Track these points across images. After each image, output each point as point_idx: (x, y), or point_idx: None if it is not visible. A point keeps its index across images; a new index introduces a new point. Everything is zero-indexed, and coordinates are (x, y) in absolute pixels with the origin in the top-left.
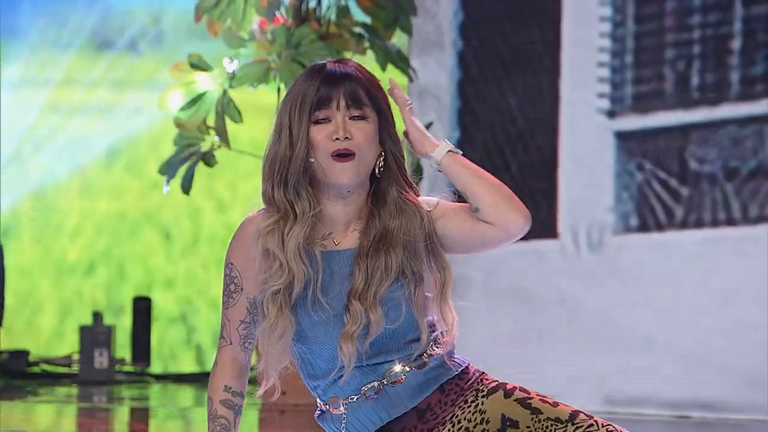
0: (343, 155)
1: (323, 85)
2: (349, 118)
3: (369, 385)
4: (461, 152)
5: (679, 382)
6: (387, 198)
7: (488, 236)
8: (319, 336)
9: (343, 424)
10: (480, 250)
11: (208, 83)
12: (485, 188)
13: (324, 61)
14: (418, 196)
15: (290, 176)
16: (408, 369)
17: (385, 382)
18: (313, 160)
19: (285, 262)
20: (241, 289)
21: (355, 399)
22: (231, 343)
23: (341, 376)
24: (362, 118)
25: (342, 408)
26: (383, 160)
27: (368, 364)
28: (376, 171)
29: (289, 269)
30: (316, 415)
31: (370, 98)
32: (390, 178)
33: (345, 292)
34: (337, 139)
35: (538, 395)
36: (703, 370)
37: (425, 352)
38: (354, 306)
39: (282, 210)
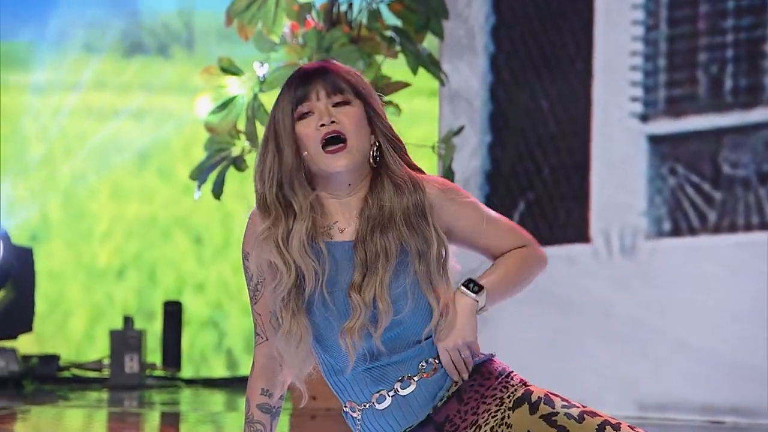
0: (333, 143)
1: (300, 83)
2: (333, 106)
3: (378, 393)
4: (475, 289)
5: (712, 386)
6: (384, 180)
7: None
8: (329, 331)
9: (361, 429)
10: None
11: (238, 87)
12: (516, 290)
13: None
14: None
15: (284, 178)
16: (417, 378)
17: (394, 392)
18: (306, 153)
19: (290, 262)
20: (264, 280)
21: (367, 406)
22: (266, 339)
23: (352, 374)
24: (346, 103)
25: (358, 412)
26: (377, 147)
27: (377, 366)
28: (370, 160)
29: (296, 268)
30: (342, 412)
31: (349, 85)
32: (387, 163)
33: (348, 283)
34: (323, 125)
35: (563, 404)
36: (736, 374)
37: (435, 357)
38: (354, 299)
39: (274, 212)
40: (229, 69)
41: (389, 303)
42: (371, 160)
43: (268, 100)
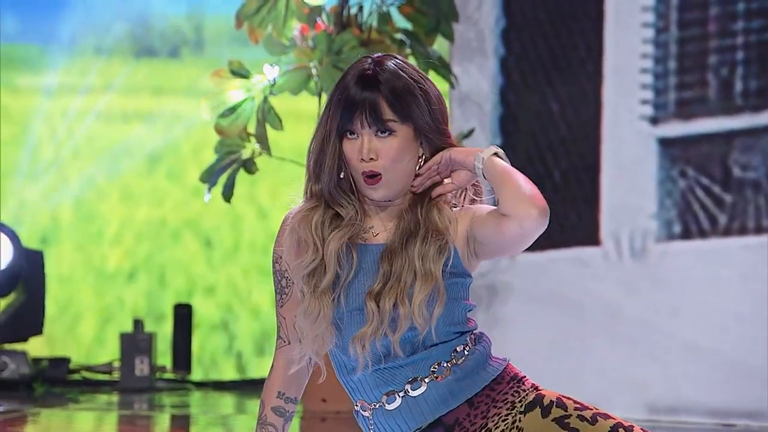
0: (371, 176)
1: (349, 96)
2: (376, 135)
3: (389, 395)
4: (502, 153)
5: (723, 389)
6: (425, 199)
7: (506, 232)
8: (345, 328)
9: (371, 429)
10: (504, 248)
11: (248, 90)
12: (507, 183)
13: (367, 60)
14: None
15: (331, 180)
16: (428, 380)
17: (404, 393)
18: (342, 175)
19: (320, 247)
20: (293, 283)
21: (377, 406)
22: (289, 343)
23: (363, 373)
24: (389, 133)
25: (368, 412)
26: (422, 163)
27: (389, 367)
28: (417, 169)
29: (323, 258)
30: (353, 411)
31: (396, 109)
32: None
33: (368, 288)
34: (362, 160)
35: (576, 407)
36: (746, 377)
37: (449, 361)
38: (369, 307)
39: (317, 199)
40: (239, 72)
41: (408, 309)
42: (416, 169)
43: (278, 103)
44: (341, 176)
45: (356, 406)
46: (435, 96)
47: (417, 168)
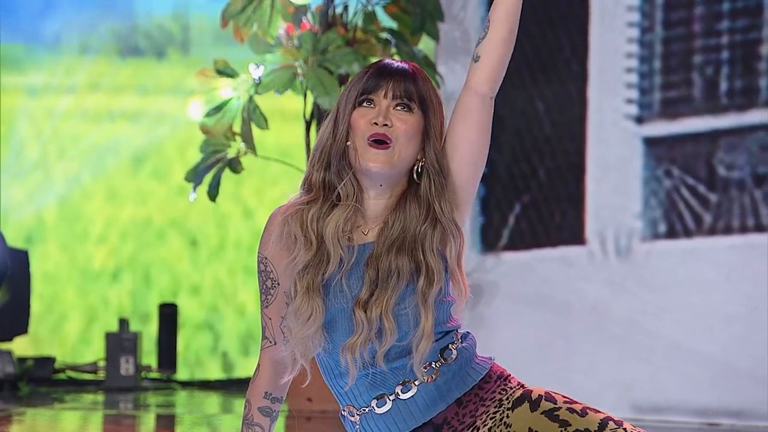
0: (379, 141)
1: (374, 75)
2: (394, 108)
3: (379, 398)
4: None
5: (708, 389)
6: (413, 201)
7: (468, 105)
8: (333, 333)
9: None
10: (474, 131)
11: (234, 89)
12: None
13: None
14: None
15: (332, 159)
16: (418, 382)
17: (395, 396)
18: (350, 143)
19: (313, 239)
20: (278, 284)
21: (366, 410)
22: (275, 343)
23: (347, 381)
24: (408, 109)
25: (356, 416)
26: (422, 165)
27: (377, 371)
28: (414, 175)
29: (317, 246)
30: (340, 414)
31: (420, 97)
32: (428, 185)
33: (356, 293)
34: (375, 124)
35: (565, 400)
36: (732, 377)
37: (437, 361)
38: (357, 316)
39: (315, 191)
40: (225, 71)
41: (393, 323)
42: (414, 175)
43: (264, 102)
44: (348, 143)
45: (343, 411)
46: (441, 109)
47: (415, 169)
